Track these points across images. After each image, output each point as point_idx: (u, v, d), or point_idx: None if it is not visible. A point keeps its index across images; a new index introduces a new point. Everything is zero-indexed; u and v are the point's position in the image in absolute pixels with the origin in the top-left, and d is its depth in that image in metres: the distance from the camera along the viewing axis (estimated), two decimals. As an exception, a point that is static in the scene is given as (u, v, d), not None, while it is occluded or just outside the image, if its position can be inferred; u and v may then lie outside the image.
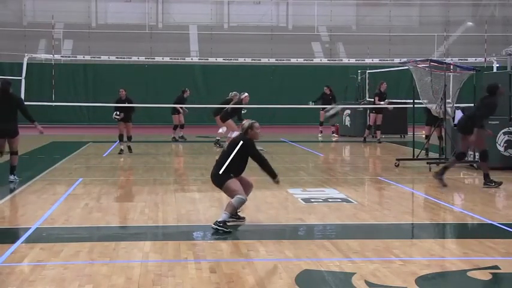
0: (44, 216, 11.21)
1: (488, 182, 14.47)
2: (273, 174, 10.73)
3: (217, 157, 10.95)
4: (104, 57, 30.88)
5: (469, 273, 7.90)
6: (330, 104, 27.96)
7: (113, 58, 30.76)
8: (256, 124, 10.60)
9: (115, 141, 22.94)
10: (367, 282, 7.50)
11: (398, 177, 16.12)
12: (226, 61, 32.61)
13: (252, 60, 32.27)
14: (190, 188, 14.58)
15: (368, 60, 32.58)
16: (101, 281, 7.51)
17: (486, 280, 7.72)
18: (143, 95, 33.38)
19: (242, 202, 10.33)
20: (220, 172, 10.40)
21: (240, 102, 21.85)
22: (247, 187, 10.67)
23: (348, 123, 29.32)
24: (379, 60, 33.02)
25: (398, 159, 18.19)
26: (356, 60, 33.23)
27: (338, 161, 19.96)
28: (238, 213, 10.77)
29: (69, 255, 8.71)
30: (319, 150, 22.18)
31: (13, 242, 9.37)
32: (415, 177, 15.60)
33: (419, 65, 18.22)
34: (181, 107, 26.39)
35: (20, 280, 7.55)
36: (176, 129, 26.48)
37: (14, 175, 15.00)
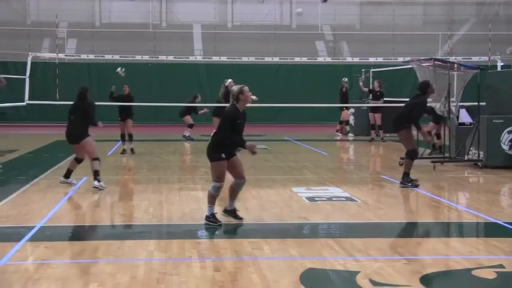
0: (49, 215, 11.20)
1: (406, 181, 14.41)
2: (241, 144, 10.51)
3: None
4: (107, 56, 30.87)
5: (473, 272, 7.89)
6: (346, 102, 27.78)
7: (116, 57, 30.74)
8: (246, 88, 10.43)
9: (118, 141, 22.94)
10: (371, 281, 7.48)
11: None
12: (230, 60, 32.57)
13: (255, 59, 32.20)
14: (194, 186, 14.56)
15: (372, 59, 32.49)
16: (106, 279, 7.51)
17: (491, 279, 7.70)
18: (147, 94, 33.37)
19: (218, 189, 10.39)
20: (215, 147, 10.36)
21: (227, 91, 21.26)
22: (238, 177, 10.63)
23: (351, 122, 29.30)
24: (383, 59, 32.94)
25: (402, 158, 18.09)
26: (360, 59, 33.20)
27: (342, 160, 19.99)
28: (237, 212, 10.75)
29: (74, 254, 8.74)
30: (323, 149, 22.15)
31: (18, 240, 9.36)
32: (418, 176, 15.51)
33: (423, 64, 18.21)
34: (202, 106, 26.41)
35: (25, 278, 7.54)
36: (191, 128, 26.65)
37: (99, 181, 13.82)
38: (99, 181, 13.72)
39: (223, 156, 10.31)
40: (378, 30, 42.05)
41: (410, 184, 14.30)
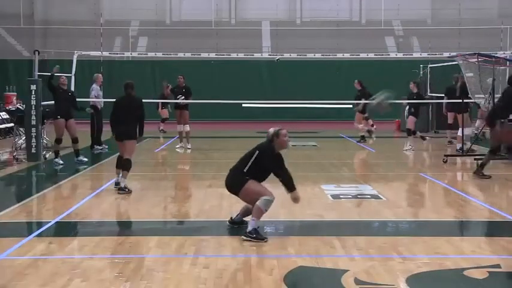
0: (69, 210, 11.40)
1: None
2: (290, 188, 9.74)
3: None
4: (180, 54, 31.03)
5: (465, 272, 7.76)
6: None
7: (188, 55, 30.90)
8: (283, 131, 9.67)
9: (173, 137, 23.19)
10: (356, 280, 7.42)
11: (441, 174, 15.85)
12: (301, 57, 32.48)
13: (327, 55, 31.88)
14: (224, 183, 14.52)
15: (446, 54, 31.77)
16: (91, 275, 7.63)
17: (480, 279, 7.57)
18: (207, 91, 33.42)
19: (270, 203, 9.49)
20: (245, 170, 9.58)
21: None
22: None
23: (409, 118, 28.81)
24: (449, 54, 32.23)
25: (446, 155, 17.85)
26: (428, 55, 32.60)
27: (386, 157, 19.65)
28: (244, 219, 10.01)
29: (73, 250, 8.92)
30: (373, 146, 21.90)
31: (27, 235, 9.59)
32: (458, 174, 15.32)
33: (469, 59, 17.87)
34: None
35: (15, 273, 7.72)
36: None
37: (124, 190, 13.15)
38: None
39: (247, 177, 9.60)
40: (449, 24, 41.16)
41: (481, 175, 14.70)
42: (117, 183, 13.33)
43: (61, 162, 17.12)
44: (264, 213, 9.51)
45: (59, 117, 17.33)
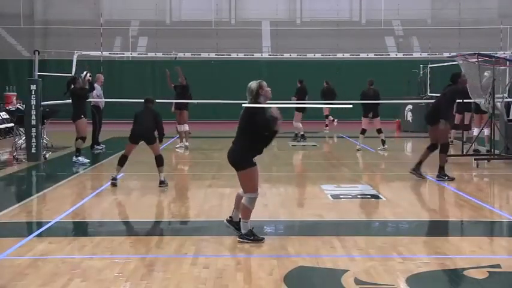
0: (69, 210, 11.41)
1: (442, 175, 14.61)
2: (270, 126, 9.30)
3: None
4: (179, 54, 30.96)
5: (465, 272, 7.76)
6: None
7: (188, 55, 30.88)
8: (264, 82, 9.48)
9: (172, 137, 23.17)
10: (356, 280, 7.42)
11: (441, 174, 15.83)
12: (301, 57, 32.43)
13: (327, 55, 31.84)
14: (224, 183, 14.44)
15: (438, 54, 31.79)
16: (91, 275, 7.62)
17: (480, 279, 7.56)
18: (207, 91, 33.44)
19: (255, 201, 9.28)
20: (252, 147, 9.23)
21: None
22: None
23: (409, 118, 28.88)
24: (449, 54, 32.19)
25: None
26: (428, 55, 32.57)
27: (386, 157, 19.64)
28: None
29: (73, 250, 8.90)
30: (372, 146, 21.85)
31: (27, 235, 9.58)
32: (458, 174, 15.26)
33: (469, 59, 17.82)
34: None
35: (15, 273, 7.72)
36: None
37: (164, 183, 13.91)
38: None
39: (254, 161, 9.22)
40: (449, 24, 41.13)
41: (446, 178, 14.39)
42: (113, 178, 13.73)
43: (86, 160, 17.45)
44: (251, 210, 9.25)
45: (82, 116, 17.57)
